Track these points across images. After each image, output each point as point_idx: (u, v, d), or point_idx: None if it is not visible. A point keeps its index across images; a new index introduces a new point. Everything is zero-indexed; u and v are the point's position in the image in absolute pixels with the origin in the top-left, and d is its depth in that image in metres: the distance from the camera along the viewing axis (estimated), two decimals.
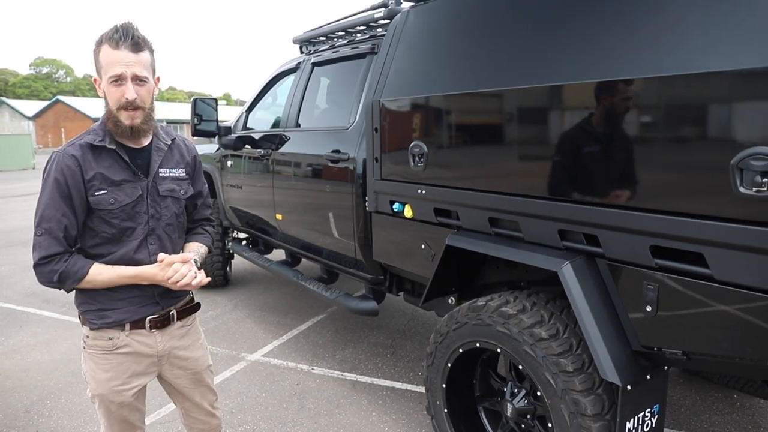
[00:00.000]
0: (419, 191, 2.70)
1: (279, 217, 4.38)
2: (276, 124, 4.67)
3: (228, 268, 6.06)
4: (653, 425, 2.08)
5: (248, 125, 5.16)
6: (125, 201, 1.82)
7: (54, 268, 1.72)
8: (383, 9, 3.55)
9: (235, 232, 5.87)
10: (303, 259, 4.67)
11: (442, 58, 2.68)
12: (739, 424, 3.20)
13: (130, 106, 1.75)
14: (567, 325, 2.13)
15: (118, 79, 1.73)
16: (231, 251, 5.84)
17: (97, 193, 1.77)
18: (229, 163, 5.24)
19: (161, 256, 1.82)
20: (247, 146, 4.85)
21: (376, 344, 4.42)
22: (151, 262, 1.86)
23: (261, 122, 5.06)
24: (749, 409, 3.35)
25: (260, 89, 5.11)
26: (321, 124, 4.13)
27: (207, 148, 5.84)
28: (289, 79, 4.66)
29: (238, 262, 6.68)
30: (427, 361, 2.64)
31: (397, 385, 3.73)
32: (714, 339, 1.72)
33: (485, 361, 2.60)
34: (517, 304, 2.23)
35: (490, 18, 2.43)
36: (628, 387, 1.90)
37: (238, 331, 4.78)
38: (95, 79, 1.80)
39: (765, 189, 1.51)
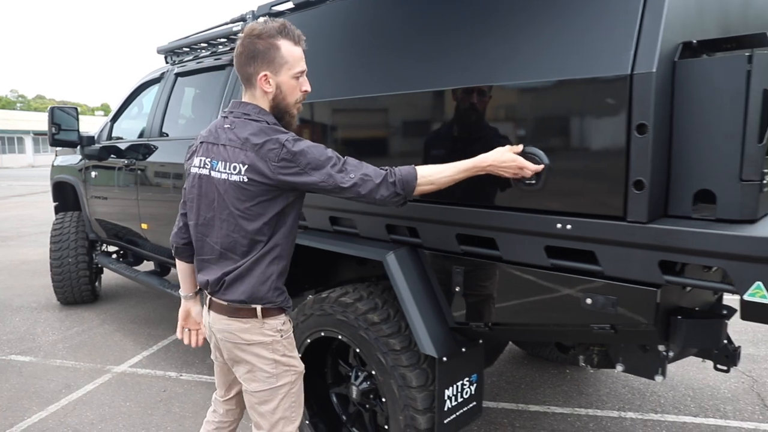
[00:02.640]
0: None
1: (144, 226, 4.36)
2: (141, 134, 4.65)
3: (97, 283, 5.87)
4: (472, 392, 2.38)
5: (113, 135, 5.08)
6: None
7: (384, 175, 1.78)
8: (241, 23, 3.69)
9: (104, 245, 5.72)
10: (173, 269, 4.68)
11: None
12: (567, 394, 3.65)
13: (304, 98, 1.91)
14: (398, 310, 2.39)
15: (301, 74, 1.85)
16: (99, 264, 5.67)
17: None
18: (93, 174, 5.11)
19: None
20: (112, 156, 4.78)
21: None
22: None
23: (126, 132, 4.99)
24: (577, 381, 3.83)
25: (125, 99, 5.05)
26: (185, 133, 4.18)
27: (71, 158, 5.67)
28: (154, 89, 4.66)
29: (112, 277, 6.48)
30: None
31: None
32: (506, 310, 2.05)
33: (335, 350, 2.81)
34: (355, 294, 2.47)
35: (331, 32, 2.67)
36: (444, 359, 2.18)
37: (105, 344, 4.67)
38: (266, 75, 1.80)
39: (534, 182, 1.84)
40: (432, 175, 1.83)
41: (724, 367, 2.55)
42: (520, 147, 1.84)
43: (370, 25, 2.43)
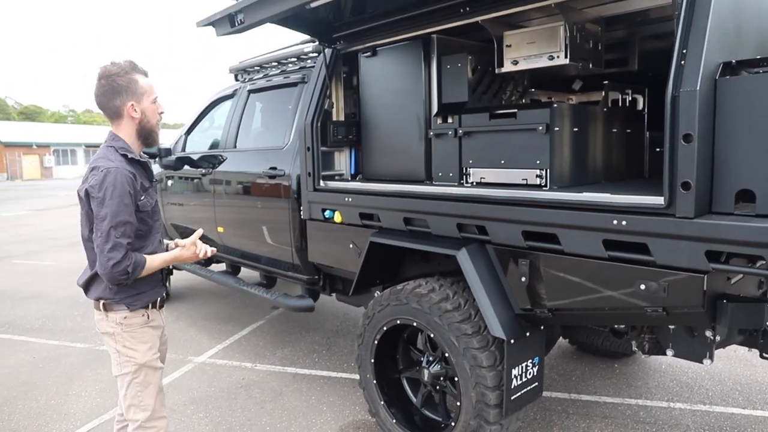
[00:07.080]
0: (346, 199, 3.22)
1: (221, 230, 4.77)
2: (215, 146, 5.08)
3: (167, 284, 6.33)
4: (535, 373, 2.66)
5: (187, 147, 5.53)
6: (153, 203, 2.31)
7: (128, 262, 2.08)
8: (312, 44, 4.07)
9: None
10: (242, 269, 5.09)
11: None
12: (616, 386, 3.88)
13: (161, 119, 2.32)
14: (467, 300, 2.68)
15: (156, 100, 2.28)
16: (171, 267, 6.12)
17: (142, 198, 2.22)
18: (169, 182, 5.57)
19: (180, 241, 2.39)
20: (186, 166, 5.22)
21: (313, 343, 4.88)
22: (164, 251, 2.40)
23: (200, 144, 5.43)
24: (625, 375, 4.05)
25: (199, 113, 5.50)
26: (258, 144, 4.59)
27: None
28: (226, 105, 5.09)
29: (177, 279, 6.94)
30: (357, 341, 3.14)
31: (333, 374, 4.20)
32: (566, 297, 2.32)
33: (405, 339, 3.13)
34: (428, 286, 2.78)
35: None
36: (512, 341, 2.47)
37: (182, 338, 5.09)
38: (132, 105, 2.20)
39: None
40: (152, 262, 2.20)
41: None
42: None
43: None
